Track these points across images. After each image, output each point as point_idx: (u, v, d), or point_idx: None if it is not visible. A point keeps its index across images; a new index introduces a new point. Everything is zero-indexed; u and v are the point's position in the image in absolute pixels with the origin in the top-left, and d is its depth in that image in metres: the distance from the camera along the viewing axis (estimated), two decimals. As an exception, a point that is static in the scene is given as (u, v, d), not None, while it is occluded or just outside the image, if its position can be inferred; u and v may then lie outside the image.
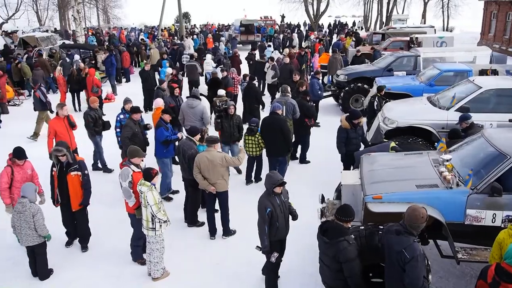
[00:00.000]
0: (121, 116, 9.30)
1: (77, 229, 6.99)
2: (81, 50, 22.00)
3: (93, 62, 20.23)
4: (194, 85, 14.66)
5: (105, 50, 21.05)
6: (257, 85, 14.85)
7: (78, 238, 7.09)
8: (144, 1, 74.32)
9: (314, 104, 12.26)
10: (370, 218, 5.49)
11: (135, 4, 69.27)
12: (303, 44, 28.23)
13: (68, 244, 7.13)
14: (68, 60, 18.22)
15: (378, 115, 10.24)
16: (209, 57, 18.92)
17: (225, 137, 9.29)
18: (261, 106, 12.59)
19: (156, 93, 11.84)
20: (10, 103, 16.33)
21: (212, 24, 48.55)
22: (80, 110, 15.64)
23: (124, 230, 6.89)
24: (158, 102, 10.00)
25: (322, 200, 6.62)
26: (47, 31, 36.64)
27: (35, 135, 12.43)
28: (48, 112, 12.72)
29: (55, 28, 47.10)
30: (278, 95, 12.38)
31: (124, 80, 20.99)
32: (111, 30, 40.38)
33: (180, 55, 20.84)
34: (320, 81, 14.07)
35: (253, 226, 7.45)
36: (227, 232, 7.35)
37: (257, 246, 5.58)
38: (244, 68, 19.32)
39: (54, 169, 6.65)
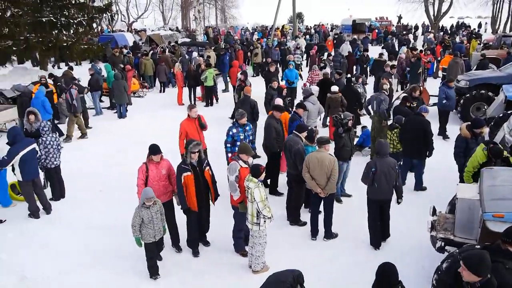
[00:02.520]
0: (234, 131, 8.46)
1: (204, 225, 7.04)
2: (199, 47, 23.32)
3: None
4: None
5: (221, 48, 22.12)
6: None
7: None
8: (259, 1, 76.28)
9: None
10: (488, 237, 5.04)
11: (251, 4, 71.41)
12: (420, 47, 26.77)
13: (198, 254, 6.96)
14: (187, 56, 19.45)
15: (503, 126, 9.35)
16: (325, 55, 18.93)
17: (346, 153, 8.26)
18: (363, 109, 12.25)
19: (269, 92, 12.12)
20: (135, 95, 17.92)
21: (322, 24, 48.21)
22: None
23: (226, 221, 7.09)
24: (278, 101, 9.97)
25: (434, 212, 6.25)
26: (170, 29, 39.38)
27: (68, 137, 12.52)
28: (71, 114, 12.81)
29: (177, 27, 50.51)
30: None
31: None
32: (228, 29, 42.10)
33: (285, 56, 21.10)
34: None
35: (355, 231, 7.33)
36: (329, 235, 7.26)
37: None
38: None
39: (188, 173, 6.43)
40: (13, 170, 7.96)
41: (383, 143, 6.91)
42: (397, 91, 15.60)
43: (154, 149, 6.54)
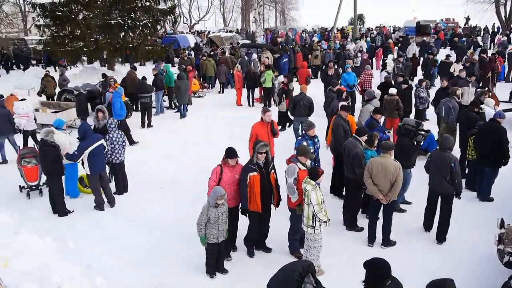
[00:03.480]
0: (304, 144, 7.57)
1: (264, 231, 6.99)
2: (258, 49, 23.51)
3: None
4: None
5: (279, 50, 22.18)
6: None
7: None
8: (319, 3, 75.70)
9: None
10: None
11: (311, 6, 71.05)
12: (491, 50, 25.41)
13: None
14: (246, 58, 19.68)
15: None
16: (390, 57, 18.45)
17: (413, 161, 8.07)
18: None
19: (329, 94, 12.00)
20: (195, 95, 18.38)
21: (384, 26, 46.92)
22: (253, 105, 16.81)
23: (283, 222, 7.06)
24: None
25: (502, 225, 5.91)
26: (230, 31, 40.03)
27: None
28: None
29: (237, 29, 51.24)
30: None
31: (295, 79, 21.71)
32: (287, 31, 42.13)
33: (344, 59, 20.76)
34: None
35: (414, 240, 7.08)
36: (387, 242, 7.07)
37: None
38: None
39: (254, 173, 6.40)
40: (82, 164, 8.45)
41: (447, 138, 7.11)
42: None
43: (231, 153, 6.46)
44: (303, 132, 7.81)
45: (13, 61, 28.45)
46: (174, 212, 8.29)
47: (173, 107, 16.45)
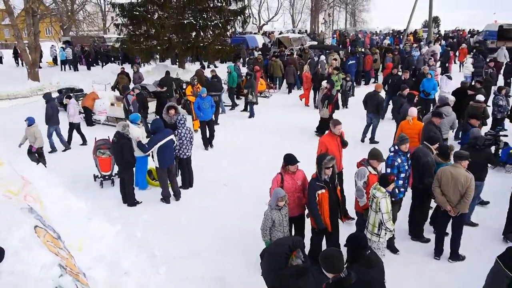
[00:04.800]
0: (399, 161, 6.98)
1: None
2: (327, 51, 23.27)
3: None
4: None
5: (348, 52, 21.81)
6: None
7: None
8: (392, 5, 73.49)
9: None
10: None
11: (383, 8, 69.16)
12: None
13: None
14: (316, 59, 19.55)
15: None
16: (469, 61, 17.56)
17: (486, 172, 7.55)
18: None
19: (398, 99, 11.61)
20: (261, 95, 18.53)
21: (463, 30, 44.61)
22: (316, 107, 16.64)
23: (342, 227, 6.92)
24: (412, 112, 9.27)
25: None
26: (299, 32, 39.92)
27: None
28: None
29: (305, 30, 51.03)
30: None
31: (363, 82, 21.27)
32: (357, 33, 41.31)
33: (410, 64, 19.95)
34: None
35: (487, 256, 6.64)
36: (456, 256, 6.69)
37: None
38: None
39: (322, 190, 6.00)
40: (152, 157, 8.81)
41: None
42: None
43: (291, 159, 6.25)
44: (395, 147, 6.97)
45: (94, 58, 30.30)
46: (236, 209, 8.42)
47: (233, 108, 16.69)
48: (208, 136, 12.14)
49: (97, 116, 12.31)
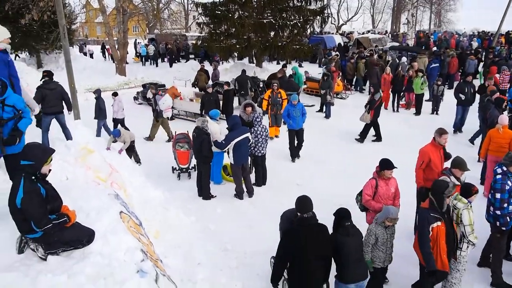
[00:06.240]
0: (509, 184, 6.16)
1: None
2: (409, 52, 22.39)
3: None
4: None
5: (429, 54, 20.78)
6: None
7: None
8: (481, 4, 69.07)
9: None
10: None
11: (471, 7, 65.12)
12: None
13: None
14: (397, 61, 18.88)
15: None
16: None
17: None
18: None
19: (486, 105, 10.82)
20: (337, 96, 18.24)
21: None
22: (398, 111, 16.08)
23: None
24: (503, 119, 8.70)
25: None
26: (379, 33, 38.79)
27: (149, 138, 13.08)
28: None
29: (386, 31, 49.46)
30: None
31: (447, 86, 20.16)
32: (442, 34, 39.24)
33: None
34: None
35: None
36: None
37: None
38: None
39: (438, 223, 5.17)
40: (227, 153, 9.01)
41: None
42: None
43: (388, 164, 5.97)
44: (503, 168, 6.10)
45: (176, 55, 31.63)
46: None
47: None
48: (296, 146, 11.24)
49: (116, 107, 12.80)
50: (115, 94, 13.24)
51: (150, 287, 3.90)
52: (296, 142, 11.18)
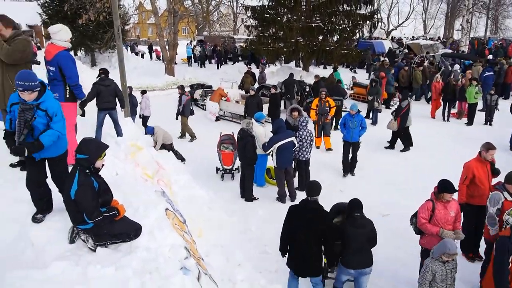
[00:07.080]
0: None
1: None
2: (462, 60, 21.60)
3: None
4: None
5: (484, 62, 19.94)
6: None
7: None
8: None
9: None
10: None
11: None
12: None
13: None
14: (450, 68, 18.25)
15: None
16: None
17: None
18: None
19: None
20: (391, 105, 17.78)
21: None
22: (448, 120, 15.54)
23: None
24: None
25: None
26: (431, 39, 37.67)
27: (192, 137, 13.47)
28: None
29: (438, 37, 47.96)
30: None
31: (502, 97, 19.28)
32: (499, 41, 37.55)
33: None
34: None
35: None
36: None
37: None
38: None
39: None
40: (271, 156, 9.03)
41: None
42: None
43: (448, 187, 5.48)
44: None
45: (224, 56, 32.10)
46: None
47: None
48: (350, 160, 10.49)
49: (144, 104, 13.12)
50: (143, 92, 13.60)
51: (193, 285, 3.96)
52: (350, 156, 10.47)
